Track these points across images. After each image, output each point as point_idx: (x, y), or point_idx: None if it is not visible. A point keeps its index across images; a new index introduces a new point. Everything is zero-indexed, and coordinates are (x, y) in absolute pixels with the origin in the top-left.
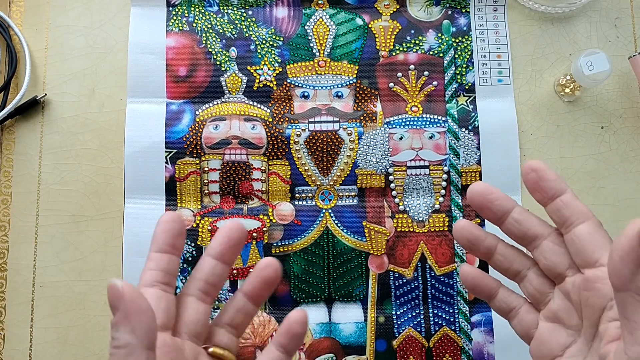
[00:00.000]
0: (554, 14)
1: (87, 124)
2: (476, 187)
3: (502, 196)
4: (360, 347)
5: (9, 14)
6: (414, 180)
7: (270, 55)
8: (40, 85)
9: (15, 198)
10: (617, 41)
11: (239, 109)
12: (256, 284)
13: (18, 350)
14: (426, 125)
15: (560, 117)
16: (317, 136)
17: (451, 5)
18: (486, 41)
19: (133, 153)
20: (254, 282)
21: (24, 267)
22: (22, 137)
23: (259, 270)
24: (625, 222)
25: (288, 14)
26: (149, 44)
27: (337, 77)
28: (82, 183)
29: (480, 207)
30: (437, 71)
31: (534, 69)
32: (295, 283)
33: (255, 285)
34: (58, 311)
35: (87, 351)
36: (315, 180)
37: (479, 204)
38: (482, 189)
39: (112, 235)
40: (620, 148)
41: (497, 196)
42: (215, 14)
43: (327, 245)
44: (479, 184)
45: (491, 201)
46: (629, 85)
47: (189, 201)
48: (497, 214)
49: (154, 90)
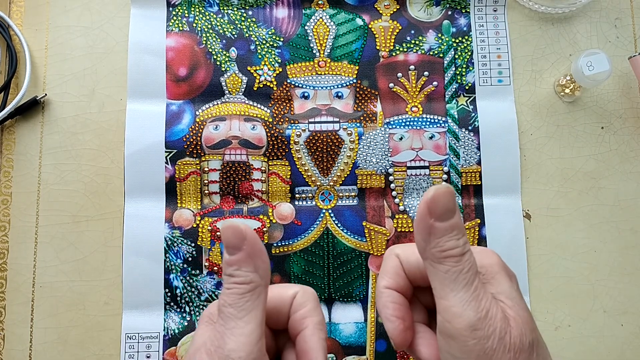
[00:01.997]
0: (554, 14)
1: (87, 124)
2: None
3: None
4: (360, 348)
5: (9, 14)
6: (414, 181)
7: (271, 56)
8: (40, 85)
9: (15, 198)
10: (617, 41)
11: (239, 109)
12: None
13: (18, 350)
14: (426, 125)
15: (560, 118)
16: (317, 136)
17: (451, 5)
18: (486, 41)
19: (133, 153)
20: None
21: (24, 267)
22: (22, 137)
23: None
24: (625, 222)
25: (288, 14)
26: (149, 44)
27: (337, 78)
28: (82, 183)
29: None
30: (437, 71)
31: (534, 69)
32: (295, 283)
33: None
34: (58, 311)
35: (87, 351)
36: (316, 181)
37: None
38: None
39: (112, 235)
40: (620, 148)
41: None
42: (215, 14)
43: (327, 245)
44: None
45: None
46: (629, 86)
47: (189, 201)
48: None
49: (154, 90)
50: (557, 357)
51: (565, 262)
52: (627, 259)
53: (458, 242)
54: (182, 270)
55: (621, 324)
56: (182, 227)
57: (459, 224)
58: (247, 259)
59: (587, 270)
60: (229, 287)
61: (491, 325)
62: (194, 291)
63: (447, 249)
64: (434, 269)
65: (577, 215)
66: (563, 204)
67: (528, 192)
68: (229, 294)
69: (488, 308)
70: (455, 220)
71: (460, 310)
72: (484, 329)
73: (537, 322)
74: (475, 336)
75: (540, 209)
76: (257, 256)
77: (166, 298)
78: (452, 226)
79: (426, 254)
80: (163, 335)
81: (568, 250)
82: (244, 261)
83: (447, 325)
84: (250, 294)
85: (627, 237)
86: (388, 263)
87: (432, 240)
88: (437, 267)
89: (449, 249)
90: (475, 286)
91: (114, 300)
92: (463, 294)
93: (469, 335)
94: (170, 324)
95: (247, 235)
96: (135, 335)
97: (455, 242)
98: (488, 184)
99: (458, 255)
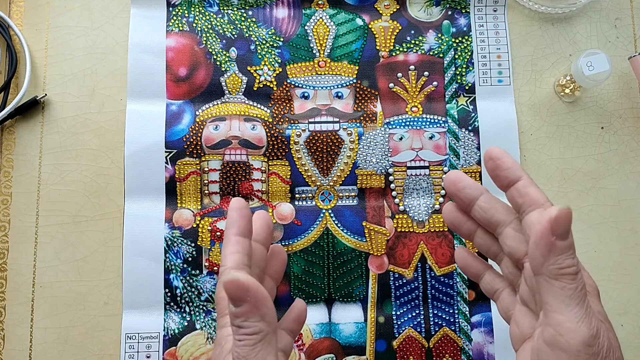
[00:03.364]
0: (554, 14)
1: (87, 124)
2: (449, 175)
3: (471, 184)
4: (360, 348)
5: (9, 14)
6: (414, 181)
7: (270, 56)
8: (40, 85)
9: (15, 198)
10: (617, 41)
11: (239, 109)
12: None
13: (18, 350)
14: (426, 125)
15: (560, 118)
16: (317, 136)
17: (451, 5)
18: (486, 41)
19: (133, 153)
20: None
21: (24, 267)
22: (22, 137)
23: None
24: (625, 222)
25: (288, 15)
26: (149, 44)
27: (337, 78)
28: (82, 183)
29: (452, 195)
30: (437, 71)
31: (534, 70)
32: (295, 283)
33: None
34: (58, 311)
35: (87, 351)
36: (315, 181)
37: (450, 192)
38: (452, 177)
39: (112, 235)
40: (620, 148)
41: (465, 184)
42: (215, 15)
43: (327, 245)
44: (452, 173)
45: (460, 189)
46: (629, 86)
47: (189, 201)
48: (465, 201)
49: (154, 90)
50: None
51: None
52: (627, 259)
53: (573, 260)
54: (182, 270)
55: (621, 324)
56: (182, 227)
57: (573, 244)
58: (252, 310)
59: (587, 270)
60: (241, 339)
61: (600, 343)
62: (194, 291)
63: (565, 266)
64: (549, 284)
65: (577, 215)
66: (563, 204)
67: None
68: (241, 346)
69: (599, 327)
70: (571, 240)
71: (575, 326)
72: (596, 346)
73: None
74: (588, 352)
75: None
76: (262, 304)
77: (166, 298)
78: (569, 245)
79: (543, 270)
80: (163, 335)
81: None
82: (250, 312)
83: (560, 339)
84: (262, 343)
85: (627, 237)
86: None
87: (551, 257)
88: (553, 283)
89: (567, 266)
90: (586, 304)
91: (114, 300)
92: (578, 310)
93: (583, 351)
94: (170, 324)
95: (249, 287)
96: (135, 336)
97: (572, 260)
98: (488, 184)
99: (574, 273)
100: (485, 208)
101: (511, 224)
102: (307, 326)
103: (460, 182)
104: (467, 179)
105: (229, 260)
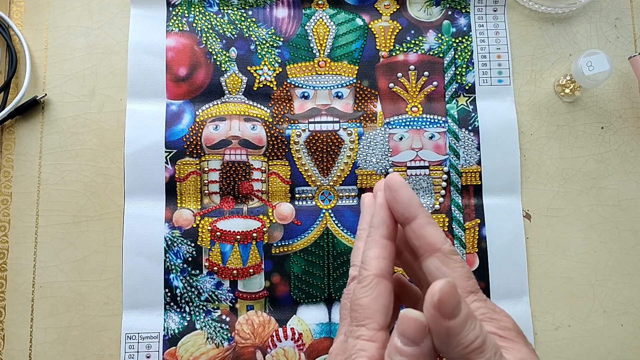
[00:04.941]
0: (554, 14)
1: (87, 124)
2: (389, 180)
3: (406, 201)
4: None
5: (9, 14)
6: (414, 181)
7: (270, 56)
8: (40, 85)
9: (15, 198)
10: (617, 41)
11: (239, 109)
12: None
13: (18, 350)
14: (426, 125)
15: (560, 118)
16: (317, 136)
17: (451, 5)
18: (486, 41)
19: (133, 153)
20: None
21: (24, 267)
22: (22, 137)
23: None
24: (625, 222)
25: (288, 14)
26: (149, 44)
27: (337, 78)
28: (82, 183)
29: (388, 200)
30: (437, 71)
31: (534, 69)
32: (295, 283)
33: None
34: (58, 311)
35: (87, 351)
36: (315, 181)
37: (387, 197)
38: (390, 184)
39: (112, 235)
40: (620, 148)
41: (401, 199)
42: (215, 14)
43: (327, 245)
44: (392, 178)
45: (394, 200)
46: (629, 86)
47: (189, 201)
48: (399, 218)
49: (154, 90)
50: (557, 357)
51: (565, 262)
52: (627, 259)
53: (475, 330)
54: (182, 270)
55: (621, 324)
56: (182, 227)
57: (470, 311)
58: (420, 358)
59: (587, 271)
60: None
61: None
62: (194, 291)
63: (469, 343)
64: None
65: (577, 216)
66: (563, 204)
67: (528, 192)
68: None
69: None
70: (465, 310)
71: None
72: None
73: (537, 322)
74: None
75: (540, 209)
76: (430, 356)
77: (166, 298)
78: (465, 318)
79: (451, 355)
80: (163, 335)
81: (568, 251)
82: (417, 357)
83: None
84: None
85: (627, 237)
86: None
87: (452, 341)
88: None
89: (471, 341)
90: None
91: (113, 300)
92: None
93: None
94: (170, 324)
95: (428, 333)
96: (135, 335)
97: (474, 332)
98: (488, 184)
99: (481, 344)
100: (412, 237)
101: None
102: (307, 326)
103: (396, 192)
104: (405, 193)
105: (374, 266)
